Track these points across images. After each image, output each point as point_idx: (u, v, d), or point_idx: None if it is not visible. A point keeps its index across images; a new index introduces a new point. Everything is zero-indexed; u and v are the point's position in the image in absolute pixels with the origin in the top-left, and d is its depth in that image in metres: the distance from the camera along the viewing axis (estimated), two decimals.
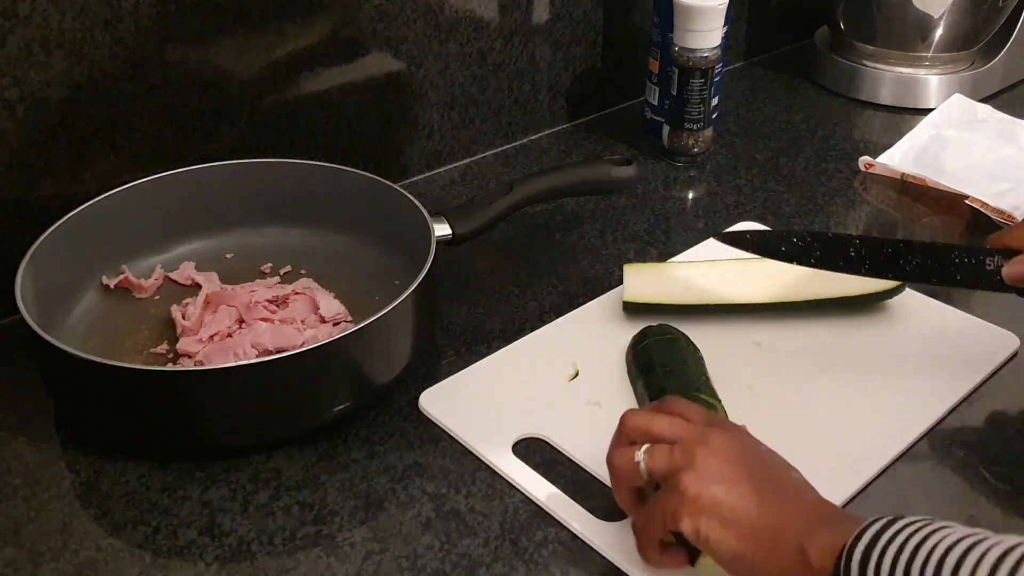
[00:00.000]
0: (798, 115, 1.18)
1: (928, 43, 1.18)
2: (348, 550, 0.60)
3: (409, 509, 0.63)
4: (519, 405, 0.70)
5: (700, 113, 1.02)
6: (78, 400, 0.67)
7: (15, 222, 0.77)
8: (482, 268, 0.87)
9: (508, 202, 0.82)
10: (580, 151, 1.09)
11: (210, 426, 0.65)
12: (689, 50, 0.99)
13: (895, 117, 1.17)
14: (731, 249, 0.72)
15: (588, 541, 0.60)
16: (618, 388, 0.72)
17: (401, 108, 0.98)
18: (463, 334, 0.78)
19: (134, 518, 0.62)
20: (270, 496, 0.63)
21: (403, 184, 0.96)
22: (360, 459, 0.66)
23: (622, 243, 0.91)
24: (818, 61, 1.27)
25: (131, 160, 0.82)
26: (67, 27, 0.75)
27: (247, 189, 0.84)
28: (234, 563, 0.59)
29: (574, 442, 0.67)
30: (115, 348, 0.73)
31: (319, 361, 0.64)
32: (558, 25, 1.07)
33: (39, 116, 0.76)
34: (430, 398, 0.70)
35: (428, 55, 0.98)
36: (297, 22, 0.87)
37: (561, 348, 0.75)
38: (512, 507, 0.63)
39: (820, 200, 0.99)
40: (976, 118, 1.09)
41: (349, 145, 0.96)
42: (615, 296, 0.81)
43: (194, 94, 0.84)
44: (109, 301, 0.78)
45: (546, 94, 1.10)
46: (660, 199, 0.99)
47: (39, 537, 0.60)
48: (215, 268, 0.82)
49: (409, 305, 0.67)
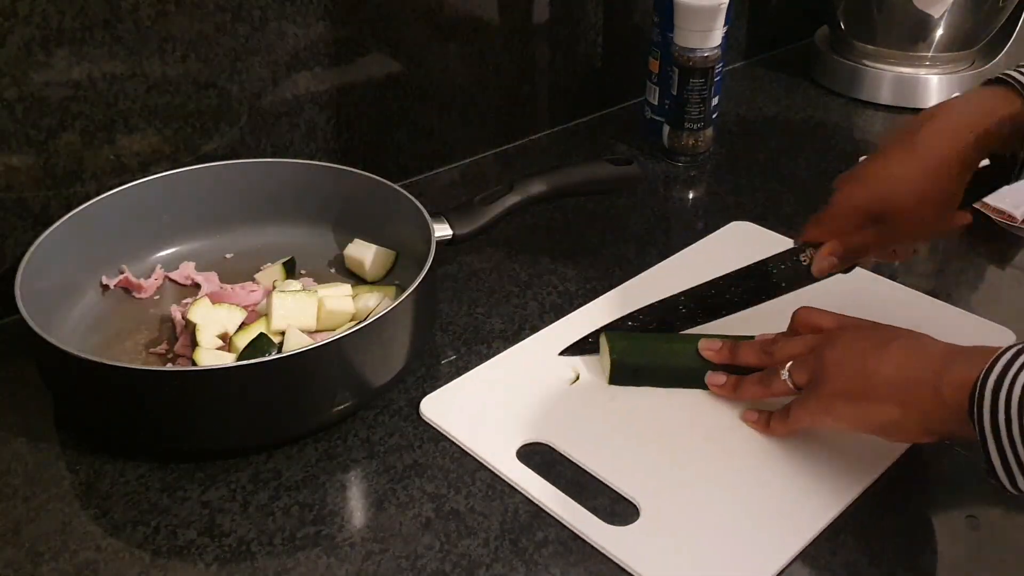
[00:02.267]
0: (798, 115, 1.18)
1: (928, 43, 1.18)
2: (348, 550, 0.60)
3: (409, 509, 0.62)
4: (520, 411, 0.70)
5: (700, 113, 1.02)
6: (78, 400, 0.67)
7: (15, 222, 0.77)
8: (482, 268, 0.87)
9: (508, 202, 0.82)
10: (580, 151, 1.09)
11: (210, 426, 0.65)
12: (689, 50, 0.99)
13: (895, 117, 1.17)
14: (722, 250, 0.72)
15: (596, 545, 0.60)
16: (617, 391, 0.71)
17: (401, 108, 0.98)
18: (463, 334, 0.78)
19: (134, 518, 0.62)
20: (270, 496, 0.63)
21: (403, 184, 0.95)
22: (360, 459, 0.66)
23: (622, 243, 0.91)
24: (818, 61, 1.27)
25: (131, 160, 0.82)
26: (67, 27, 0.75)
27: (247, 189, 0.84)
28: (234, 563, 0.59)
29: (577, 446, 0.66)
30: (115, 348, 0.73)
31: (319, 361, 0.63)
32: (558, 25, 1.07)
33: (39, 116, 0.76)
34: (431, 404, 0.70)
35: (428, 55, 0.98)
36: (297, 22, 0.87)
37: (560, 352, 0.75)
38: (512, 507, 0.63)
39: (820, 200, 0.98)
40: None
41: (349, 145, 0.96)
42: (615, 296, 0.81)
43: (194, 94, 0.84)
44: (109, 301, 0.78)
45: (546, 94, 1.10)
46: (660, 199, 0.99)
47: (39, 537, 0.60)
48: (215, 268, 0.82)
49: (409, 305, 0.67)
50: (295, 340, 0.70)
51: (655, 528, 0.61)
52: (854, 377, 0.61)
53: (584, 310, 0.80)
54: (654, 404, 0.70)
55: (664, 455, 0.66)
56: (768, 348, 0.68)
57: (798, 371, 0.65)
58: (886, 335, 0.63)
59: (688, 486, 0.63)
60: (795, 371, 0.65)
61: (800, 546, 0.59)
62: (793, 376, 0.65)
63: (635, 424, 0.68)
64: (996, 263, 0.90)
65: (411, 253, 0.78)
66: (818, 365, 0.63)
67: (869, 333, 0.64)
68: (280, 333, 0.72)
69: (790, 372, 0.65)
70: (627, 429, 0.68)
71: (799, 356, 0.65)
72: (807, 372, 0.64)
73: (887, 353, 0.60)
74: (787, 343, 0.68)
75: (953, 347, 0.59)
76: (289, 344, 0.70)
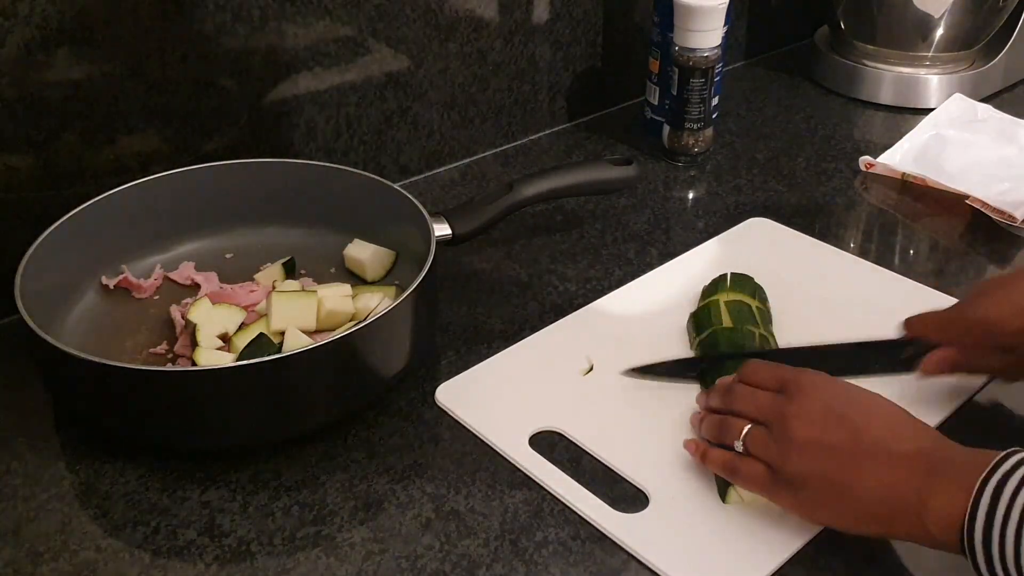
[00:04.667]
0: (798, 115, 1.18)
1: (928, 43, 1.17)
2: (348, 550, 0.60)
3: (409, 509, 0.62)
4: (534, 399, 0.70)
5: (700, 113, 1.02)
6: (78, 400, 0.67)
7: (15, 222, 0.77)
8: (482, 268, 0.87)
9: (508, 202, 0.82)
10: (580, 151, 1.09)
11: (210, 426, 0.65)
12: (689, 50, 0.99)
13: (895, 117, 1.17)
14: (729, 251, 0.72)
15: (605, 531, 0.60)
16: (630, 381, 0.72)
17: (401, 108, 0.98)
18: (463, 334, 0.78)
19: (134, 518, 0.62)
20: (270, 496, 0.63)
21: (403, 184, 0.96)
22: (360, 459, 0.66)
23: (622, 243, 0.91)
24: (818, 61, 1.27)
25: (131, 160, 0.82)
26: (67, 27, 0.75)
27: (247, 189, 0.83)
28: (233, 563, 0.59)
29: (590, 435, 0.67)
30: (115, 348, 0.73)
31: (319, 361, 0.63)
32: (558, 25, 1.07)
33: (39, 116, 0.76)
34: (445, 392, 0.71)
35: (428, 55, 0.98)
36: (297, 22, 0.87)
37: (573, 344, 0.76)
38: (512, 507, 0.63)
39: (820, 200, 0.99)
40: (976, 118, 1.09)
41: (349, 145, 0.96)
42: (622, 294, 0.82)
43: (194, 94, 0.84)
44: (109, 301, 0.78)
45: (546, 94, 1.10)
46: (660, 199, 0.99)
47: (38, 537, 0.60)
48: (215, 268, 0.81)
49: (409, 305, 0.67)
50: (295, 340, 0.70)
51: (664, 516, 0.61)
52: (827, 490, 0.55)
53: (585, 310, 0.80)
54: (666, 393, 0.71)
55: (675, 444, 0.66)
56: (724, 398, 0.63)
57: (756, 445, 0.58)
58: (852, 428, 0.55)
59: (698, 475, 0.64)
60: (752, 444, 0.59)
61: (807, 537, 0.59)
62: (749, 449, 0.59)
63: (647, 413, 0.69)
64: (996, 263, 0.90)
65: (411, 253, 0.78)
66: (781, 453, 0.57)
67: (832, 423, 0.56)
68: (280, 333, 0.72)
69: (745, 443, 0.59)
70: (639, 418, 0.69)
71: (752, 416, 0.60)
72: (765, 453, 0.58)
73: (861, 469, 0.53)
74: (740, 397, 0.62)
75: (935, 453, 0.53)
76: (289, 344, 0.70)
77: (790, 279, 0.82)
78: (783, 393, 0.59)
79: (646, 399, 0.70)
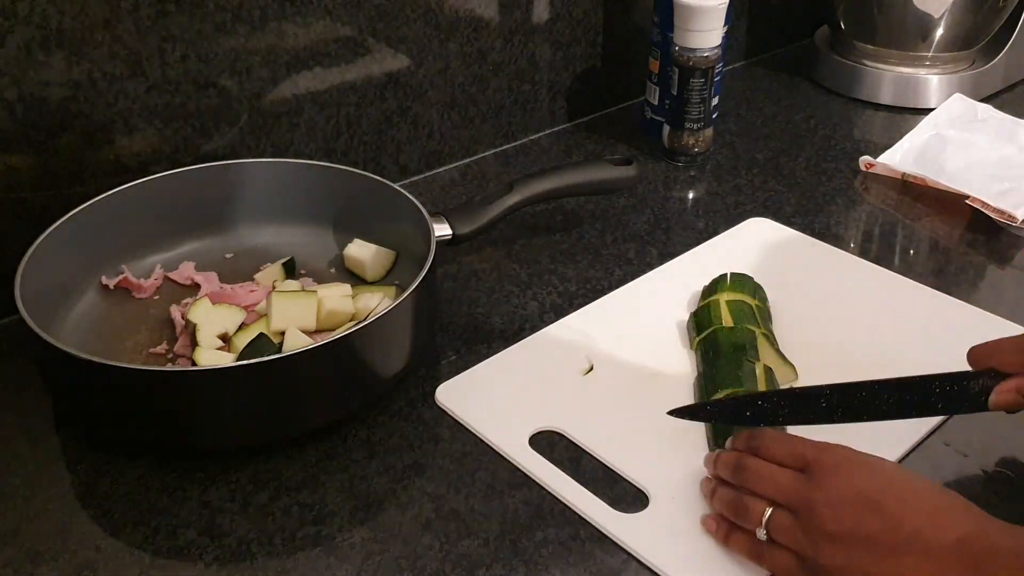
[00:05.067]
0: (798, 115, 1.18)
1: (928, 43, 1.17)
2: (348, 550, 0.60)
3: (409, 509, 0.62)
4: (534, 399, 0.70)
5: (700, 113, 1.02)
6: (78, 400, 0.67)
7: (15, 222, 0.77)
8: (482, 268, 0.87)
9: (508, 202, 0.82)
10: (580, 151, 1.09)
11: (210, 426, 0.65)
12: (689, 50, 0.99)
13: (895, 117, 1.17)
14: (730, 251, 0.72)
15: (605, 531, 0.60)
16: (631, 382, 0.72)
17: (401, 108, 0.98)
18: (463, 334, 0.78)
19: (134, 518, 0.62)
20: (270, 496, 0.63)
21: (403, 184, 0.95)
22: (360, 459, 0.66)
23: (622, 243, 0.91)
24: (818, 61, 1.27)
25: (131, 160, 0.82)
26: (67, 27, 0.75)
27: (247, 189, 0.84)
28: (233, 563, 0.59)
29: (591, 435, 0.67)
30: (115, 348, 0.73)
31: (319, 361, 0.63)
32: (558, 25, 1.07)
33: (39, 116, 0.76)
34: (445, 392, 0.71)
35: (428, 55, 0.98)
36: (297, 22, 0.87)
37: (573, 344, 0.76)
38: (512, 507, 0.63)
39: (820, 200, 0.99)
40: (976, 118, 1.09)
41: (349, 145, 0.96)
42: (624, 293, 0.82)
43: (194, 94, 0.84)
44: (109, 301, 0.78)
45: (546, 94, 1.10)
46: (660, 199, 0.99)
47: (38, 537, 0.60)
48: (215, 268, 0.81)
49: (409, 305, 0.67)
50: (295, 340, 0.70)
51: (664, 516, 0.61)
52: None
53: (585, 310, 0.80)
54: (667, 394, 0.71)
55: (675, 444, 0.66)
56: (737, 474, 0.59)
57: (781, 533, 0.55)
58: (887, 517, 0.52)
59: (698, 475, 0.64)
60: (776, 532, 0.55)
61: None
62: (774, 537, 0.55)
63: (647, 413, 0.69)
64: (996, 263, 0.90)
65: (411, 253, 0.78)
66: (812, 544, 0.53)
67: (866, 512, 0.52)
68: (280, 333, 0.72)
69: (768, 530, 0.56)
70: (639, 418, 0.69)
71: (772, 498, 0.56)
72: (794, 543, 0.54)
73: (901, 565, 0.50)
74: (756, 476, 0.57)
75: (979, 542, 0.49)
76: (289, 344, 0.70)
77: (790, 279, 0.82)
78: (806, 473, 0.55)
79: (646, 399, 0.70)
